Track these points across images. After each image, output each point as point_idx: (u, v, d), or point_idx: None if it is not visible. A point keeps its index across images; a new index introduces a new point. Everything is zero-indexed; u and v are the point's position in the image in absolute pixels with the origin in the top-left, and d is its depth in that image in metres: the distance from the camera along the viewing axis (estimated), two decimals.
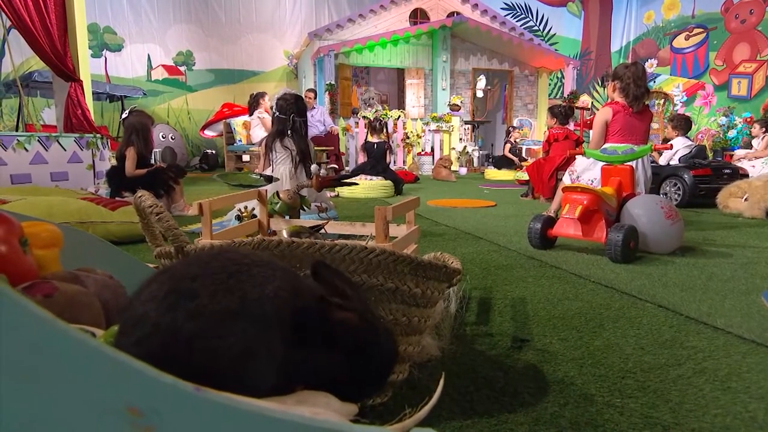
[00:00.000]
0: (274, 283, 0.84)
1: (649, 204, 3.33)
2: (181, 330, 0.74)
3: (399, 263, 1.24)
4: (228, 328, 0.76)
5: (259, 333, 0.78)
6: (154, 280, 0.81)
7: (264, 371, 0.78)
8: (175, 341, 0.73)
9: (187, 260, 0.88)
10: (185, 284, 0.79)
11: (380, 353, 1.00)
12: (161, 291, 0.78)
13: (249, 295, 0.80)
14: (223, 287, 0.79)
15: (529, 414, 1.34)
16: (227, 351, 0.74)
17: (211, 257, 0.87)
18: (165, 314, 0.75)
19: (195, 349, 0.74)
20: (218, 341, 0.75)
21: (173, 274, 0.81)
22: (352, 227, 2.51)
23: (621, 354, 1.72)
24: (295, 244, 1.15)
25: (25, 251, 0.90)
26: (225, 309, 0.77)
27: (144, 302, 0.77)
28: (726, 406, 1.38)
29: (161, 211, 1.22)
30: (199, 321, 0.75)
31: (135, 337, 0.74)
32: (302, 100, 4.11)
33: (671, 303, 2.27)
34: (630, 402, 1.40)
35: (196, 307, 0.76)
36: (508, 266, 3.01)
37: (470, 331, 1.95)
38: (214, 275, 0.81)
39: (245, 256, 0.88)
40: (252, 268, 0.85)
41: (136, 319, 0.76)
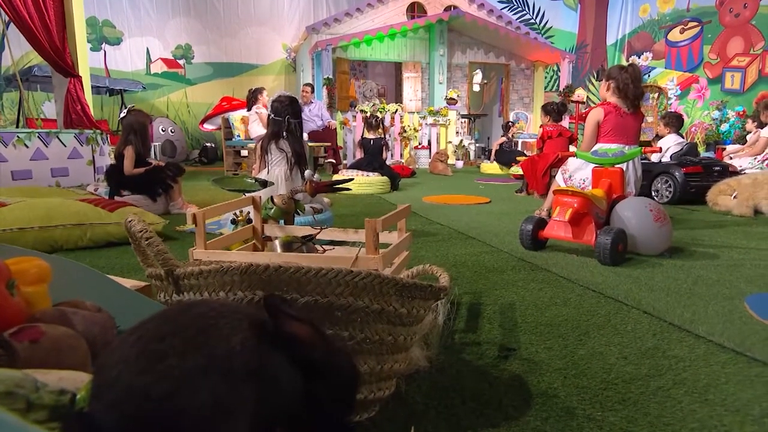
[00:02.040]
0: (240, 334, 0.86)
1: (638, 206, 3.37)
2: (151, 392, 0.76)
3: (384, 285, 1.28)
4: (197, 387, 0.78)
5: (229, 388, 0.80)
6: (125, 341, 0.83)
7: (238, 426, 0.80)
8: (147, 403, 0.75)
9: (157, 317, 0.89)
10: (154, 345, 0.81)
11: (338, 368, 1.02)
12: (132, 353, 0.80)
13: (216, 351, 0.82)
14: (190, 345, 0.81)
15: (512, 428, 1.38)
16: (198, 410, 0.76)
17: (180, 313, 0.90)
18: (136, 377, 0.77)
19: (167, 411, 0.75)
20: (188, 400, 0.76)
21: (143, 335, 0.83)
22: (345, 234, 2.55)
23: (604, 364, 1.77)
24: (281, 269, 1.19)
25: (13, 294, 0.93)
26: (193, 368, 0.79)
27: (116, 365, 0.79)
28: (702, 420, 1.42)
29: (151, 236, 1.25)
30: (168, 382, 0.77)
31: (108, 400, 0.76)
32: (297, 102, 4.13)
33: (656, 309, 2.31)
34: (610, 415, 1.45)
35: (165, 368, 0.78)
36: (498, 269, 3.05)
37: (459, 339, 1.99)
38: (182, 333, 0.83)
39: (212, 309, 0.90)
40: (219, 320, 0.87)
41: (108, 383, 0.78)
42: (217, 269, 1.21)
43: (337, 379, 1.01)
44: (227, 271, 1.20)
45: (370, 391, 1.34)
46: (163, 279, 1.28)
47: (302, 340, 0.95)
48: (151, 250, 1.24)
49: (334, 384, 1.00)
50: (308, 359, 0.95)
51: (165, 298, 1.31)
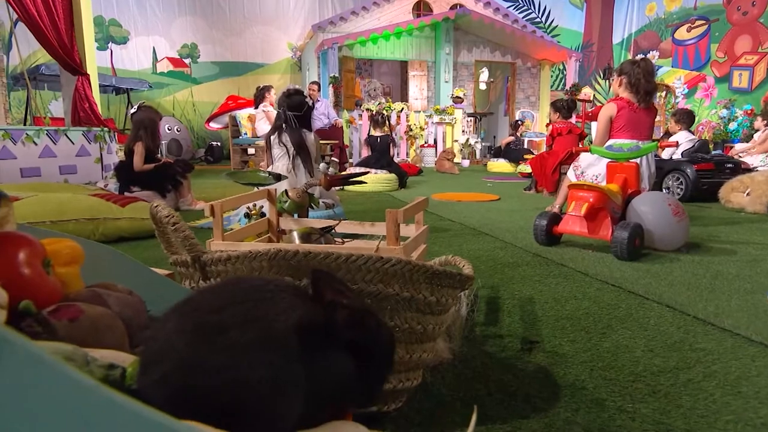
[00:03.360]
0: (298, 310, 0.84)
1: (656, 201, 3.34)
2: (207, 365, 0.73)
3: (415, 272, 1.25)
4: (255, 361, 0.75)
5: (286, 363, 0.77)
6: (177, 312, 0.81)
7: (292, 402, 0.78)
8: (202, 376, 0.72)
9: (210, 289, 0.86)
10: (210, 316, 0.78)
11: (381, 346, 0.99)
12: (187, 324, 0.77)
13: (275, 324, 0.79)
14: (249, 318, 0.79)
15: (542, 420, 1.35)
16: (255, 385, 0.74)
17: (234, 285, 0.87)
18: (191, 349, 0.74)
19: (223, 384, 0.73)
20: (246, 374, 0.74)
21: (197, 306, 0.81)
22: (362, 227, 2.52)
23: (631, 356, 1.74)
24: (311, 254, 1.16)
25: (49, 272, 0.91)
26: (251, 341, 0.76)
27: (168, 337, 0.76)
28: (737, 412, 1.39)
29: (178, 221, 1.23)
30: (226, 354, 0.74)
31: (160, 373, 0.73)
32: (297, 94, 4.10)
33: (678, 303, 2.28)
34: (641, 407, 1.42)
35: (223, 340, 0.75)
36: (514, 264, 3.02)
37: (480, 332, 1.96)
38: (239, 305, 0.80)
39: (268, 283, 0.88)
40: (275, 294, 0.84)
41: (160, 356, 0.75)
42: (245, 254, 1.19)
43: (379, 354, 0.98)
44: (256, 257, 1.18)
45: (398, 381, 1.31)
46: (189, 265, 1.25)
47: (349, 320, 0.92)
48: (178, 236, 1.22)
49: (376, 358, 0.97)
50: (354, 337, 0.92)
51: (191, 285, 1.28)
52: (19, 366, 0.46)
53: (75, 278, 0.99)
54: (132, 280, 1.13)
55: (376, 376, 0.98)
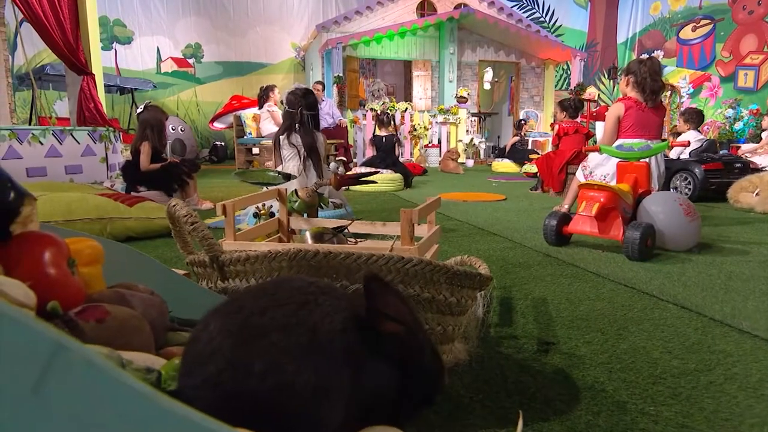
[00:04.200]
0: (341, 313, 0.82)
1: (667, 201, 3.32)
2: (254, 367, 0.72)
3: (435, 273, 1.24)
4: (301, 365, 0.74)
5: (331, 368, 0.76)
6: (220, 313, 0.79)
7: (335, 408, 0.76)
8: (248, 379, 0.71)
9: (253, 291, 0.85)
10: (255, 318, 0.77)
11: (426, 370, 0.97)
12: (232, 325, 0.76)
13: (319, 328, 0.78)
14: (293, 321, 0.77)
15: (564, 422, 1.33)
16: (302, 387, 0.72)
17: (276, 287, 0.85)
18: (237, 351, 0.73)
19: (268, 388, 0.71)
20: (292, 378, 0.72)
21: (241, 307, 0.79)
22: (373, 227, 2.50)
23: (648, 358, 1.72)
24: (332, 254, 1.15)
25: (73, 272, 0.89)
26: (297, 344, 0.75)
27: (212, 339, 0.74)
28: (762, 415, 1.37)
29: (196, 220, 1.21)
30: (273, 357, 0.72)
31: (204, 375, 0.72)
32: (312, 93, 4.08)
33: (693, 304, 2.26)
34: (664, 410, 1.40)
35: (268, 343, 0.74)
36: (525, 264, 3.00)
37: (495, 334, 1.95)
38: (283, 307, 0.79)
39: (310, 284, 0.86)
40: (318, 296, 0.83)
41: (205, 356, 0.73)
42: (264, 254, 1.17)
43: (423, 376, 0.96)
44: (276, 257, 1.16)
45: None
46: (207, 265, 1.24)
47: (397, 339, 0.90)
48: (196, 235, 1.20)
49: (420, 382, 0.95)
50: (399, 357, 0.91)
51: (209, 285, 1.27)
52: (71, 370, 0.44)
53: (97, 278, 0.98)
54: (151, 279, 1.11)
55: (415, 402, 0.97)
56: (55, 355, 0.44)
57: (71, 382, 0.44)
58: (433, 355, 0.97)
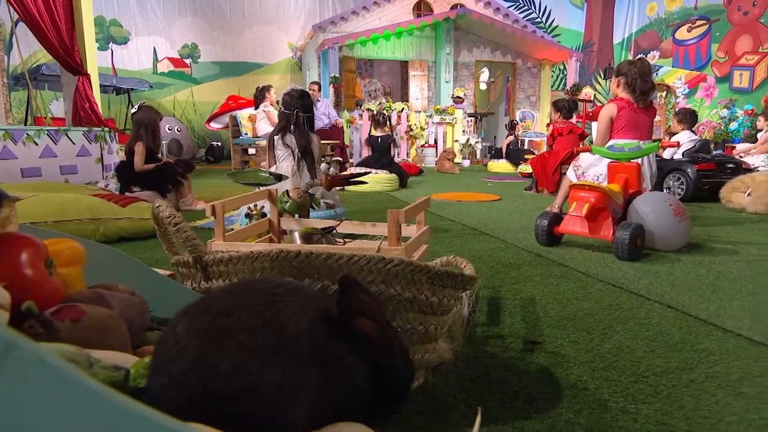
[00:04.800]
0: (309, 314, 0.84)
1: (657, 201, 3.34)
2: (219, 367, 0.73)
3: (416, 273, 1.25)
4: (266, 365, 0.75)
5: (297, 368, 0.78)
6: (188, 314, 0.80)
7: (302, 407, 0.77)
8: (214, 379, 0.72)
9: (222, 292, 0.87)
10: (221, 319, 0.78)
11: (397, 369, 0.99)
12: (199, 326, 0.77)
13: (286, 328, 0.79)
14: (259, 321, 0.79)
15: (544, 420, 1.35)
16: (268, 387, 0.73)
17: (246, 289, 0.87)
18: (203, 351, 0.74)
19: (234, 388, 0.73)
20: (257, 378, 0.74)
21: (208, 308, 0.80)
22: (363, 227, 2.52)
23: (632, 357, 1.74)
24: (313, 255, 1.16)
25: (51, 273, 0.91)
26: (263, 345, 0.76)
27: (180, 339, 0.76)
28: (740, 413, 1.39)
29: (180, 221, 1.23)
30: (238, 358, 0.74)
31: (171, 374, 0.73)
32: (308, 95, 4.11)
33: (680, 303, 2.28)
34: (644, 408, 1.41)
35: (234, 343, 0.75)
36: (515, 264, 3.02)
37: (481, 333, 1.96)
38: (250, 308, 0.80)
39: (279, 286, 0.88)
40: (286, 297, 0.84)
41: (172, 356, 0.75)
42: (247, 255, 1.19)
43: (393, 379, 0.98)
44: (258, 257, 1.18)
45: None
46: (191, 266, 1.25)
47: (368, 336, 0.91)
48: (180, 236, 1.22)
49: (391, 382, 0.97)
50: (371, 356, 0.92)
51: (193, 285, 1.28)
52: (23, 369, 0.46)
53: (77, 279, 0.99)
54: (134, 280, 1.12)
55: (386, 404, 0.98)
56: (6, 354, 0.45)
57: (24, 380, 0.45)
58: (403, 355, 0.99)
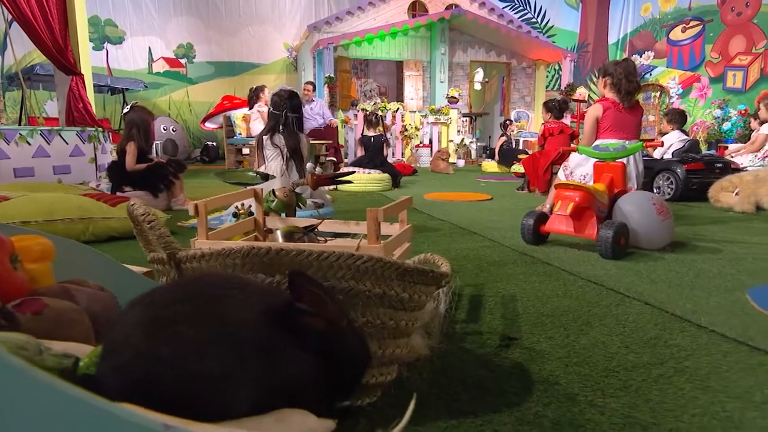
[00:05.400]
0: (251, 307, 0.87)
1: (641, 200, 3.37)
2: (160, 356, 0.76)
3: (386, 269, 1.28)
4: (204, 355, 0.79)
5: (237, 357, 0.81)
6: (136, 305, 0.84)
7: (242, 393, 0.81)
8: (154, 367, 0.76)
9: (168, 285, 0.90)
10: (163, 311, 0.81)
11: (350, 358, 1.02)
12: (143, 317, 0.81)
13: (227, 320, 0.83)
14: (201, 313, 0.82)
15: (513, 414, 1.38)
16: (206, 376, 0.77)
17: (191, 282, 0.90)
18: (145, 340, 0.78)
19: (175, 375, 0.76)
20: (195, 367, 0.77)
21: (153, 301, 0.84)
22: (346, 226, 2.56)
23: (606, 352, 1.77)
24: (283, 251, 1.19)
25: (16, 267, 0.93)
26: (202, 335, 0.80)
27: (125, 328, 0.80)
28: (704, 406, 1.42)
29: (153, 219, 1.26)
30: (178, 347, 0.77)
31: (116, 362, 0.77)
32: (297, 96, 4.13)
33: (658, 300, 2.31)
34: (611, 401, 1.45)
35: (174, 334, 0.78)
36: (500, 263, 3.05)
37: (460, 329, 1.99)
38: (193, 300, 0.84)
39: (225, 280, 0.91)
40: (230, 291, 0.88)
41: (117, 345, 0.78)
42: (219, 252, 1.21)
43: (348, 363, 1.01)
44: (229, 254, 1.20)
45: (371, 375, 1.34)
46: (165, 263, 1.28)
47: (317, 332, 0.95)
48: (153, 234, 1.24)
49: (345, 368, 1.00)
50: (321, 347, 0.96)
51: (167, 281, 1.31)
52: None
53: (46, 274, 1.02)
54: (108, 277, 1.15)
55: (342, 385, 1.02)
56: None
57: None
58: (357, 340, 1.02)
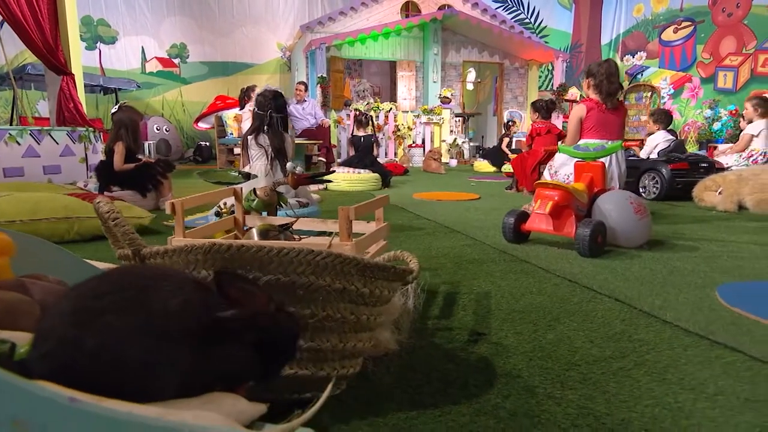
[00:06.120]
0: (180, 297, 0.91)
1: (618, 199, 3.42)
2: (84, 344, 0.81)
3: (346, 265, 1.32)
4: (130, 343, 0.83)
5: (163, 346, 0.85)
6: (68, 296, 0.88)
7: (167, 380, 0.85)
8: (78, 355, 0.80)
9: (98, 277, 0.94)
10: (91, 301, 0.86)
11: (281, 336, 1.08)
12: (70, 307, 0.85)
13: (154, 310, 0.87)
14: (128, 304, 0.86)
15: (473, 405, 1.42)
16: (130, 363, 0.82)
17: (122, 274, 0.95)
18: (69, 330, 0.82)
19: (99, 362, 0.81)
20: (120, 355, 0.82)
21: (82, 292, 0.89)
22: (324, 224, 2.60)
23: (570, 347, 1.81)
24: (244, 248, 1.23)
25: None
26: (127, 325, 0.84)
27: (54, 318, 0.84)
28: (658, 397, 1.47)
29: (117, 216, 1.29)
30: (103, 336, 0.82)
31: (44, 349, 0.81)
32: (282, 96, 4.16)
33: (628, 297, 2.36)
34: (569, 393, 1.49)
35: (99, 323, 0.83)
36: (479, 260, 3.09)
37: (432, 325, 2.03)
38: (122, 292, 0.88)
39: (154, 272, 0.96)
40: (159, 282, 0.92)
41: (45, 333, 0.83)
42: (181, 248, 1.25)
43: (280, 342, 1.05)
44: (191, 250, 1.24)
45: (332, 368, 1.38)
46: (130, 259, 1.32)
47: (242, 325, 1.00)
48: (118, 230, 1.28)
49: (279, 346, 1.05)
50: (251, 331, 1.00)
51: None
52: None
53: (4, 269, 1.06)
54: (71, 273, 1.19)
55: (275, 363, 1.07)
56: None
57: None
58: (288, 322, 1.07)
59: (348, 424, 1.33)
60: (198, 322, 0.91)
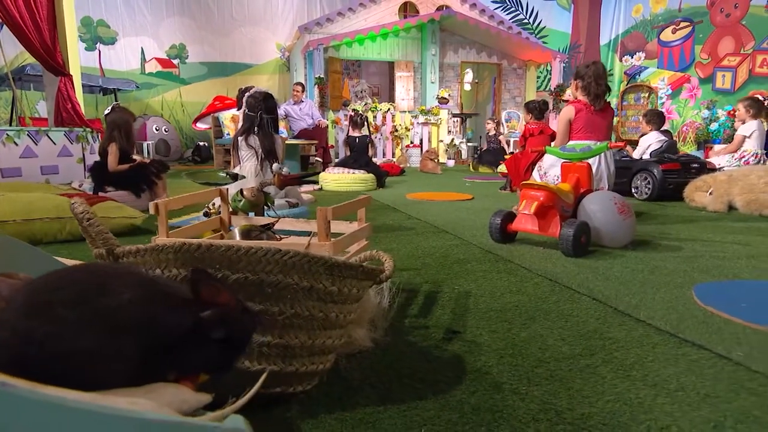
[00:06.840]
0: (130, 292, 0.96)
1: (603, 200, 3.45)
2: (34, 335, 0.86)
3: (313, 264, 1.36)
4: (79, 334, 0.88)
5: (112, 338, 0.90)
6: (23, 291, 0.94)
7: (115, 371, 0.90)
8: (29, 345, 0.85)
9: (54, 273, 0.99)
10: (43, 295, 0.91)
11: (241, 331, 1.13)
12: (24, 301, 0.91)
13: (103, 303, 0.92)
14: (80, 297, 0.91)
15: (438, 400, 1.47)
16: (78, 356, 0.87)
17: (77, 271, 1.00)
18: (21, 321, 0.88)
19: (47, 354, 0.86)
20: (69, 346, 0.87)
21: (36, 287, 0.94)
22: (308, 225, 2.64)
23: (542, 345, 1.85)
24: (213, 247, 1.27)
25: None
26: (77, 317, 0.89)
27: (9, 311, 0.90)
28: (620, 393, 1.51)
29: (91, 217, 1.34)
30: (51, 327, 0.87)
31: None
32: (272, 98, 4.21)
33: (605, 296, 2.40)
34: (534, 389, 1.53)
35: (50, 315, 0.88)
36: (464, 260, 3.13)
37: (408, 323, 2.08)
38: (73, 286, 0.93)
39: (107, 268, 1.01)
40: (110, 279, 0.97)
41: (1, 324, 0.88)
42: (153, 247, 1.30)
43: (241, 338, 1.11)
44: (162, 249, 1.29)
45: (302, 364, 1.42)
46: (104, 257, 1.36)
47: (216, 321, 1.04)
48: (92, 230, 1.33)
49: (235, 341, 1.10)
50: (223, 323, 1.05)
51: None
52: None
53: None
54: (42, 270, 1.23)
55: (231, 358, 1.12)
56: None
57: None
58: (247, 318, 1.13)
59: (316, 418, 1.38)
60: (146, 313, 0.96)
